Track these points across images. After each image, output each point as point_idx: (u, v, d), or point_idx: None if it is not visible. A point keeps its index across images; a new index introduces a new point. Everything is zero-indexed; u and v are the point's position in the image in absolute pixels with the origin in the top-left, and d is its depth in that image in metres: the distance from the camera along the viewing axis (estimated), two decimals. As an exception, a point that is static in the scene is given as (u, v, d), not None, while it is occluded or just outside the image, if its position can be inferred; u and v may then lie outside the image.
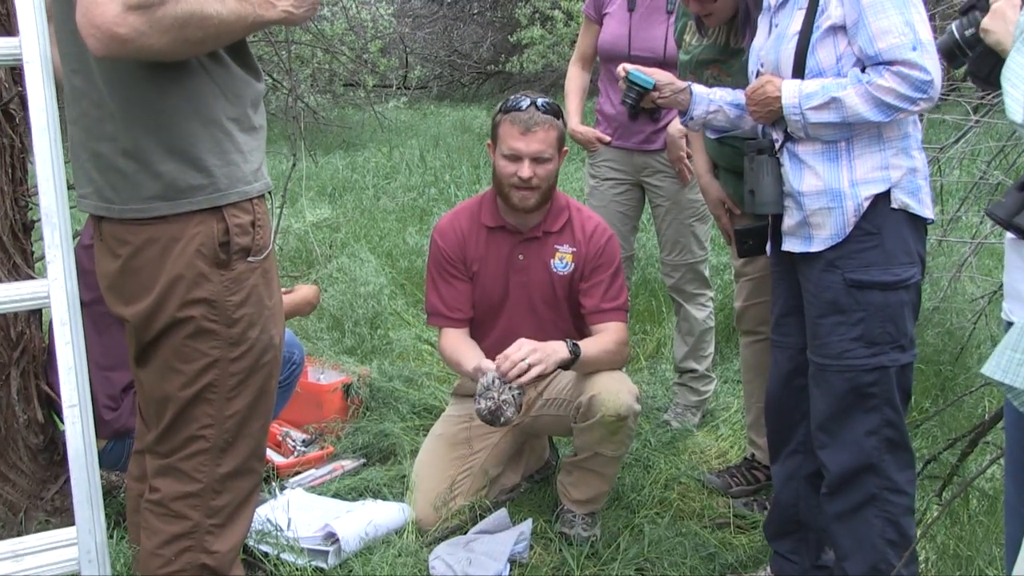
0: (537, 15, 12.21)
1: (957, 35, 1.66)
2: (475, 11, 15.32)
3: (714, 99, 2.52)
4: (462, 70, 15.19)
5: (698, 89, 2.54)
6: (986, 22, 1.52)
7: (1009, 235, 1.70)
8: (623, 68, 2.55)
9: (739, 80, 2.56)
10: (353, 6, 9.92)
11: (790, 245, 2.34)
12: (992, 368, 1.30)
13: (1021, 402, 1.28)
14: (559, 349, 2.71)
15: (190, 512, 1.73)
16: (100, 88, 1.63)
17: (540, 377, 2.71)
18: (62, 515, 2.68)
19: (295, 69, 7.54)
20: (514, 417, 2.58)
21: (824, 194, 2.24)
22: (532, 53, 12.20)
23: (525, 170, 2.81)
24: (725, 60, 2.80)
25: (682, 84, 2.55)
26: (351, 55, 10.12)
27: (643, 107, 2.60)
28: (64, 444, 2.74)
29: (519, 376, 2.60)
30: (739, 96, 2.47)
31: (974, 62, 1.64)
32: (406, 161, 9.03)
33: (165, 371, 1.71)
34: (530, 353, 2.63)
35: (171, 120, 1.62)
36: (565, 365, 2.74)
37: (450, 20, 15.24)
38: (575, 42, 3.93)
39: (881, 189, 2.21)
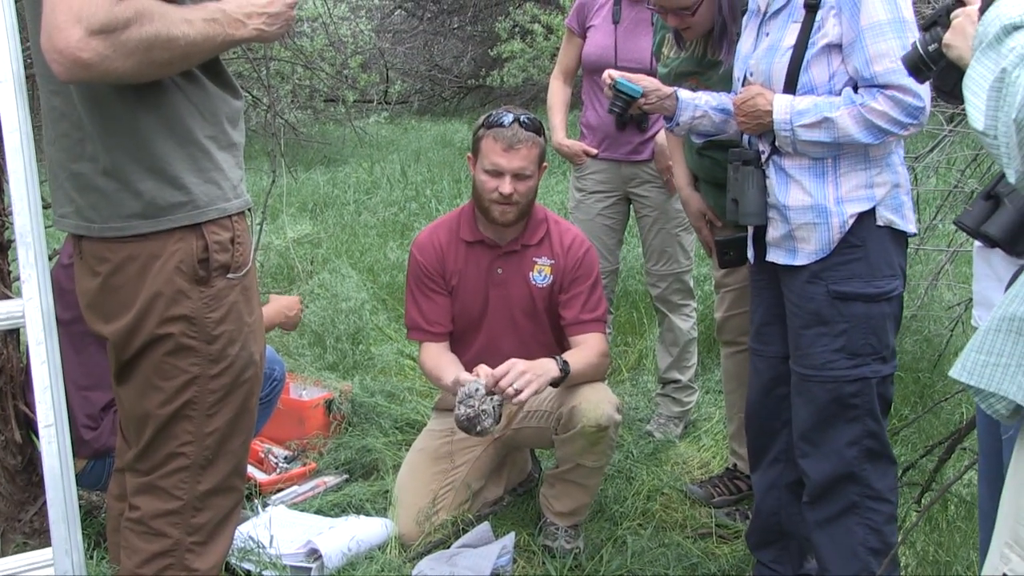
0: (517, 29, 12.24)
1: (921, 50, 1.68)
2: (455, 25, 15.35)
3: (699, 104, 2.53)
4: (443, 84, 15.20)
5: (684, 95, 2.55)
6: (947, 37, 1.54)
7: (977, 243, 1.72)
8: (609, 75, 2.56)
9: (716, 91, 2.58)
10: (333, 22, 9.92)
11: (775, 256, 2.35)
12: (959, 371, 1.32)
13: (988, 404, 1.29)
14: (550, 369, 2.72)
15: (170, 530, 1.72)
16: (78, 109, 1.63)
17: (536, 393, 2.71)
18: (41, 536, 2.66)
19: (275, 85, 7.53)
20: (491, 428, 2.58)
21: (810, 209, 2.26)
22: (512, 67, 12.22)
23: (506, 186, 2.82)
24: (703, 72, 2.82)
25: (668, 90, 2.55)
26: (331, 71, 10.10)
27: (630, 114, 2.62)
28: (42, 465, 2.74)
29: (518, 389, 2.61)
30: (724, 101, 2.48)
31: (938, 76, 1.66)
32: (387, 176, 9.03)
33: (145, 388, 1.70)
34: (521, 375, 2.64)
35: (148, 140, 1.62)
36: (555, 383, 2.75)
37: (430, 35, 15.25)
38: (555, 55, 3.95)
39: (866, 207, 2.23)
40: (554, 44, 11.39)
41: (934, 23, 1.66)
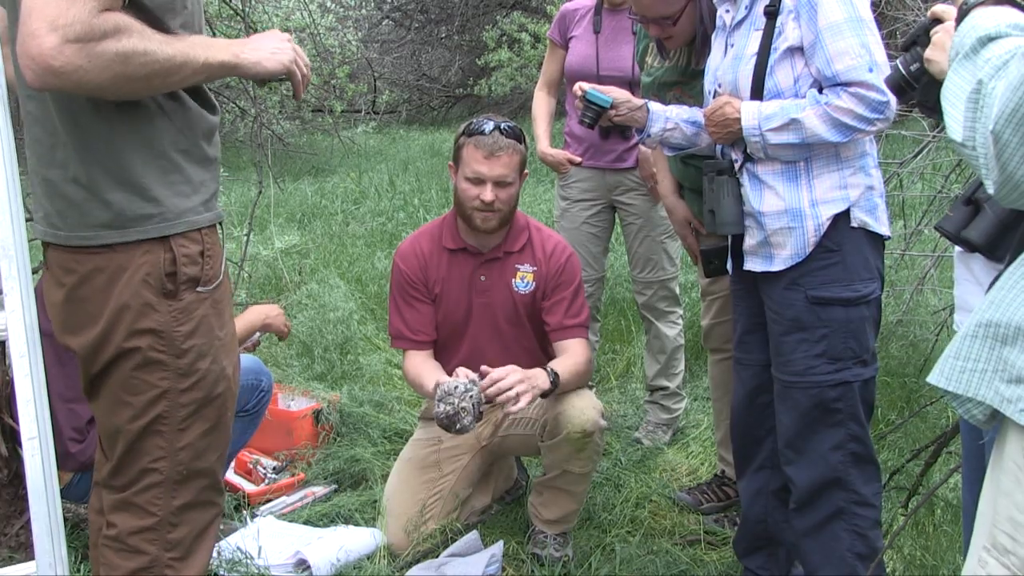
0: (504, 38, 12.28)
1: (903, 71, 1.70)
2: (443, 35, 15.39)
3: (671, 116, 2.54)
4: (431, 94, 15.23)
5: (655, 107, 2.57)
6: (928, 53, 1.56)
7: (958, 249, 1.74)
8: (579, 87, 2.58)
9: (701, 101, 2.59)
10: (320, 32, 9.93)
11: (752, 264, 2.37)
12: (936, 377, 1.33)
13: (966, 410, 1.30)
14: (542, 381, 2.71)
15: (147, 547, 1.71)
16: (52, 115, 1.62)
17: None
18: (27, 551, 2.64)
19: (262, 96, 7.53)
20: (471, 425, 2.57)
21: (785, 214, 2.27)
22: (500, 76, 12.26)
23: (488, 194, 2.83)
24: (687, 82, 2.83)
25: (639, 102, 2.57)
26: (319, 81, 10.12)
27: (602, 125, 2.63)
28: (28, 478, 2.73)
29: (505, 399, 2.60)
30: (695, 114, 2.50)
31: (921, 92, 1.68)
32: (375, 186, 9.04)
33: (114, 404, 1.69)
34: (517, 383, 2.63)
35: (120, 151, 1.61)
36: (544, 395, 2.75)
37: (418, 44, 15.29)
38: (542, 64, 3.96)
39: (840, 208, 2.25)
40: (541, 52, 11.42)
41: (913, 43, 1.68)
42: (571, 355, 2.89)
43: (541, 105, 3.83)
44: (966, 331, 1.29)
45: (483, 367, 2.69)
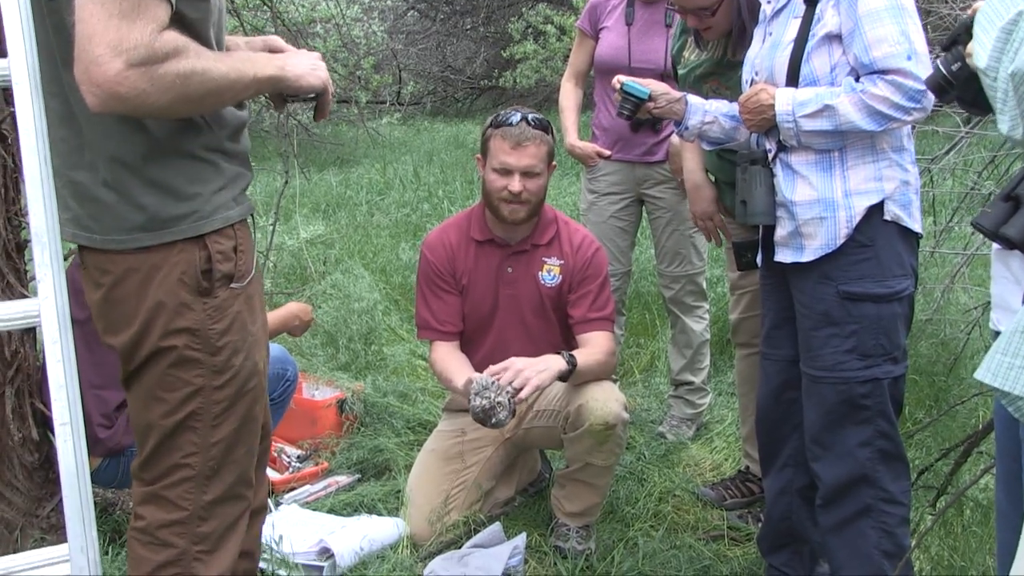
0: (530, 30, 12.26)
1: (944, 70, 1.67)
2: (468, 27, 15.37)
3: (709, 110, 2.53)
4: (455, 86, 15.22)
5: (693, 99, 2.56)
6: (971, 46, 1.53)
7: (995, 246, 1.71)
8: (617, 80, 2.57)
9: (738, 92, 2.57)
10: (346, 23, 9.95)
11: (782, 256, 2.35)
12: (983, 373, 1.31)
13: (1016, 407, 1.28)
14: (555, 363, 2.72)
15: (176, 540, 1.71)
16: (77, 116, 1.61)
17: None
18: (58, 532, 2.68)
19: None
20: (506, 420, 2.58)
21: (817, 204, 2.25)
22: (525, 68, 12.23)
23: (515, 184, 2.83)
24: (723, 73, 2.82)
25: (677, 94, 2.56)
26: (344, 72, 10.14)
27: (640, 118, 2.62)
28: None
29: (518, 387, 2.60)
30: (735, 108, 2.48)
31: (960, 88, 1.66)
32: (400, 177, 9.05)
33: (148, 399, 1.69)
34: (518, 374, 2.63)
35: (150, 152, 1.60)
36: (563, 377, 2.74)
37: (443, 36, 15.28)
38: (568, 57, 3.94)
39: (875, 200, 2.22)
40: (567, 45, 11.39)
41: (954, 42, 1.65)
42: (593, 346, 2.88)
43: (569, 96, 3.81)
44: (1014, 327, 1.27)
45: (490, 367, 2.68)
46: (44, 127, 1.54)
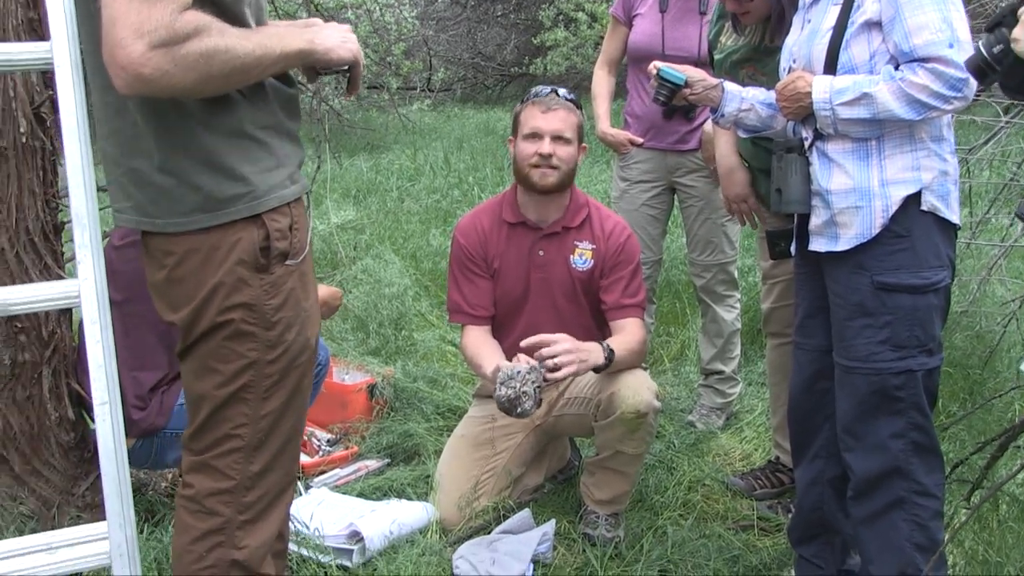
0: (561, 17, 12.22)
1: (985, 52, 1.64)
2: (499, 13, 15.34)
3: (746, 97, 2.51)
4: (486, 72, 15.21)
5: (730, 86, 2.54)
6: (1017, 32, 1.51)
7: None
8: (654, 66, 2.56)
9: (774, 79, 2.55)
10: (377, 9, 9.95)
11: (816, 245, 2.33)
12: None
13: None
14: (596, 355, 2.73)
15: (222, 508, 1.75)
16: (130, 106, 1.63)
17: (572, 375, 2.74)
18: (93, 511, 2.72)
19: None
20: (531, 409, 2.59)
21: (853, 192, 2.23)
22: (556, 55, 12.20)
23: (546, 146, 2.87)
24: (760, 59, 2.80)
25: (714, 81, 2.55)
26: (375, 57, 10.15)
27: (675, 104, 2.61)
28: (94, 442, 2.79)
29: (552, 369, 2.62)
30: (771, 96, 2.46)
31: (1005, 74, 1.63)
32: (430, 163, 9.06)
33: (202, 371, 1.72)
34: (566, 353, 2.65)
35: (202, 135, 1.62)
36: (597, 370, 2.75)
37: (474, 22, 15.26)
38: (599, 44, 3.94)
39: (912, 190, 2.19)
40: (598, 32, 11.36)
41: (998, 24, 1.62)
42: (627, 334, 2.88)
43: (601, 84, 3.80)
44: None
45: (519, 355, 2.69)
46: (85, 109, 1.56)
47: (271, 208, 1.68)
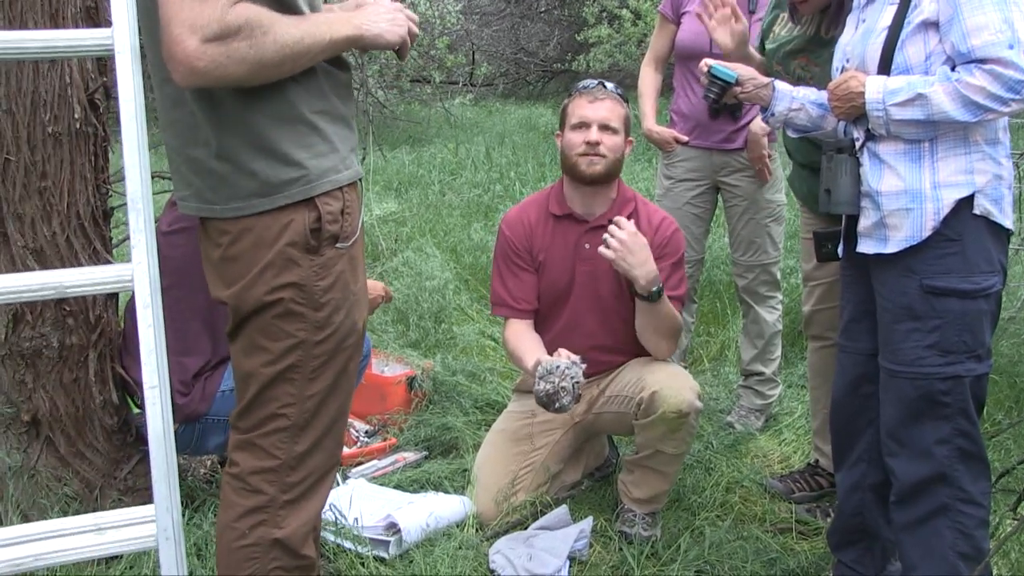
0: (605, 14, 12.16)
1: None
2: (542, 9, 15.31)
3: (797, 96, 2.49)
4: (528, 68, 15.19)
5: (781, 86, 2.51)
6: None
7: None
8: (705, 63, 2.55)
9: (826, 70, 2.52)
10: (421, 3, 9.98)
11: (865, 247, 2.30)
12: None
13: None
14: (648, 268, 2.77)
15: (266, 487, 1.78)
16: (187, 97, 1.69)
17: (607, 372, 2.76)
18: (134, 494, 2.75)
19: (364, 64, 7.60)
20: (569, 405, 2.58)
21: (904, 194, 2.20)
22: (599, 52, 12.15)
23: (593, 134, 2.89)
24: (814, 50, 2.77)
25: (765, 79, 2.52)
26: (419, 51, 10.18)
27: (725, 103, 2.60)
28: (136, 426, 2.83)
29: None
30: (823, 96, 2.43)
31: None
32: (472, 158, 9.07)
33: (251, 348, 1.76)
34: (621, 244, 2.73)
35: (256, 122, 1.67)
36: (648, 294, 2.79)
37: (517, 18, 15.24)
38: (642, 41, 3.94)
39: (965, 193, 2.16)
40: (642, 30, 11.29)
41: None
42: None
43: (648, 81, 3.78)
44: None
45: (560, 350, 2.69)
46: (142, 96, 1.59)
47: (324, 192, 1.72)
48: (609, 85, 3.00)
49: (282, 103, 1.67)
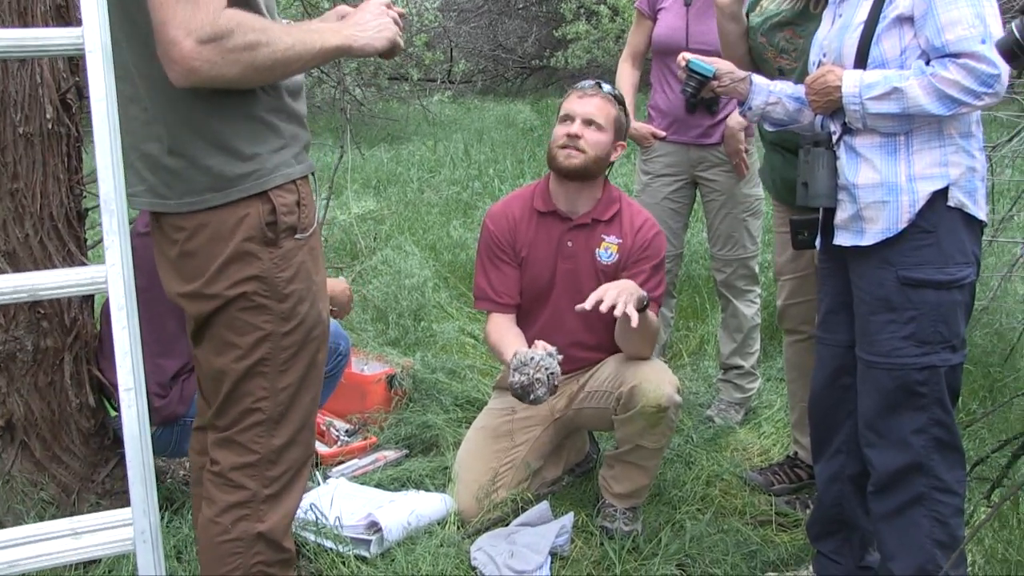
0: (582, 10, 12.19)
1: (1017, 34, 1.63)
2: (520, 6, 15.32)
3: (774, 90, 2.50)
4: (506, 65, 15.20)
5: (758, 79, 2.53)
6: None
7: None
8: (682, 57, 2.56)
9: (809, 43, 2.54)
10: (399, 1, 9.97)
11: (842, 239, 2.32)
12: None
13: None
14: (636, 287, 2.73)
15: (248, 482, 1.81)
16: (141, 95, 1.73)
17: (587, 368, 2.76)
18: (112, 497, 2.73)
19: (340, 62, 7.58)
20: (544, 396, 2.58)
21: (880, 187, 2.22)
22: (577, 48, 12.17)
23: (574, 127, 2.88)
24: (801, 23, 2.79)
25: (742, 73, 2.54)
26: (396, 48, 10.13)
27: (702, 96, 2.61)
28: (113, 429, 2.81)
29: (613, 305, 2.59)
30: (799, 90, 2.45)
31: None
32: (450, 155, 9.06)
33: (220, 345, 1.78)
34: (616, 296, 2.62)
35: (211, 118, 1.70)
36: (639, 307, 2.72)
37: (495, 15, 15.24)
38: (620, 37, 3.95)
39: (939, 186, 2.18)
40: (619, 26, 11.32)
41: None
42: None
43: (625, 77, 3.79)
44: None
45: (537, 342, 2.67)
46: (115, 95, 1.59)
47: (277, 185, 1.75)
48: (606, 87, 2.99)
49: (237, 101, 1.71)
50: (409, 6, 10.43)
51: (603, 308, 2.59)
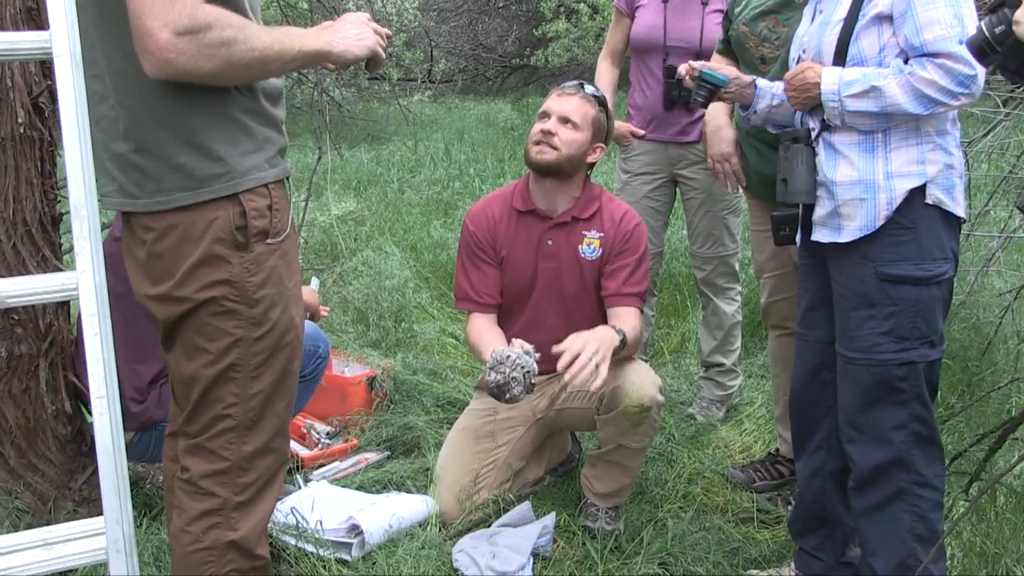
0: (562, 9, 12.20)
1: (987, 32, 1.64)
2: (500, 5, 15.31)
3: (777, 93, 2.52)
4: (487, 64, 15.19)
5: (762, 84, 2.54)
6: (1019, 14, 1.50)
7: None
8: (692, 67, 2.55)
9: (791, 32, 2.55)
10: (378, 0, 9.93)
11: (820, 235, 2.33)
12: None
13: None
14: (612, 337, 2.67)
15: (218, 489, 1.78)
16: (112, 93, 1.71)
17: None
18: (89, 505, 2.71)
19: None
20: (520, 395, 2.57)
21: (858, 184, 2.23)
22: (557, 47, 12.18)
23: (549, 124, 2.89)
24: (783, 12, 2.80)
25: (748, 79, 2.55)
26: (376, 49, 10.10)
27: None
28: (91, 435, 2.78)
29: (589, 379, 2.53)
30: None
31: (1005, 56, 1.62)
32: (431, 155, 9.05)
33: (190, 350, 1.76)
34: (594, 354, 2.55)
35: (184, 116, 1.68)
36: (615, 352, 2.68)
37: (475, 14, 15.23)
38: (600, 36, 3.95)
39: (917, 183, 2.19)
40: (599, 24, 11.33)
41: (1001, 4, 1.61)
42: (627, 320, 2.86)
43: (604, 76, 3.79)
44: None
45: (515, 340, 2.66)
46: (84, 100, 1.57)
47: (248, 188, 1.73)
48: (589, 88, 2.98)
49: (212, 99, 1.69)
50: (389, 6, 10.39)
51: (574, 376, 2.51)
